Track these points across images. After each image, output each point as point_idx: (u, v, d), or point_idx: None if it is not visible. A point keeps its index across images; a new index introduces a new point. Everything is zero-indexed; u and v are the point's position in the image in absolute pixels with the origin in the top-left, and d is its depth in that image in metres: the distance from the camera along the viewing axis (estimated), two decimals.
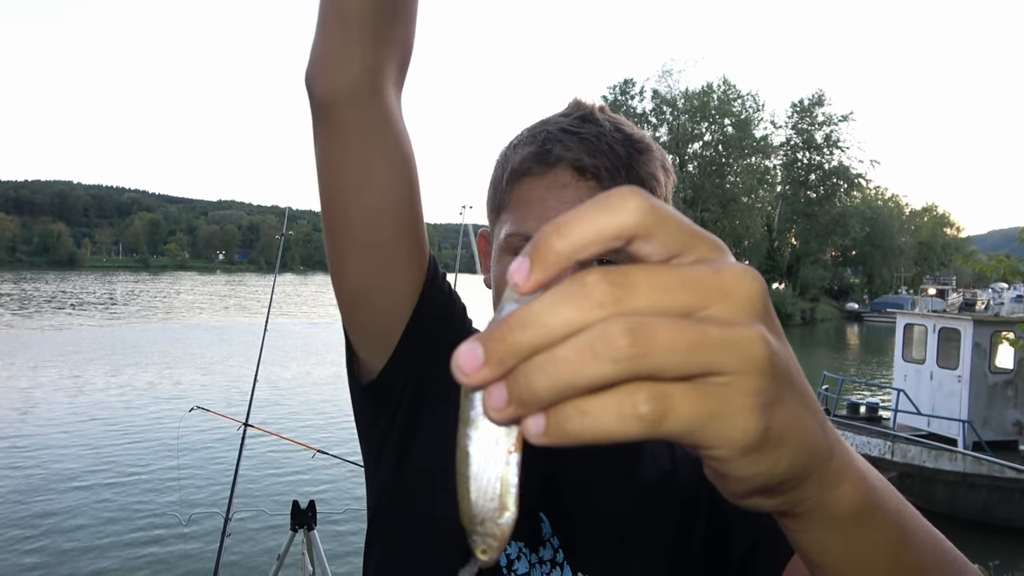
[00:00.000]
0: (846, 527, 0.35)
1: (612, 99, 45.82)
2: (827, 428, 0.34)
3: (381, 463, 0.78)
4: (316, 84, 0.64)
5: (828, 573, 0.38)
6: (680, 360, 0.25)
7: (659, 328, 0.25)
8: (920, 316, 12.64)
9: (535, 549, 0.72)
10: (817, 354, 35.13)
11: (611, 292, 0.26)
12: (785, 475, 0.30)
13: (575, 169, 0.72)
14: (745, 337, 0.27)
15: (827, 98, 55.15)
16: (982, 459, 9.96)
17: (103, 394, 16.08)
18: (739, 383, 0.26)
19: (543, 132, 0.75)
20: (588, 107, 0.78)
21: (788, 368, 0.30)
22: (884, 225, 65.72)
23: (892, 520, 0.38)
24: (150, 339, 27.98)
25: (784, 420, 0.29)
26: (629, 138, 0.75)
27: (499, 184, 0.78)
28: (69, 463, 10.71)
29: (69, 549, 7.67)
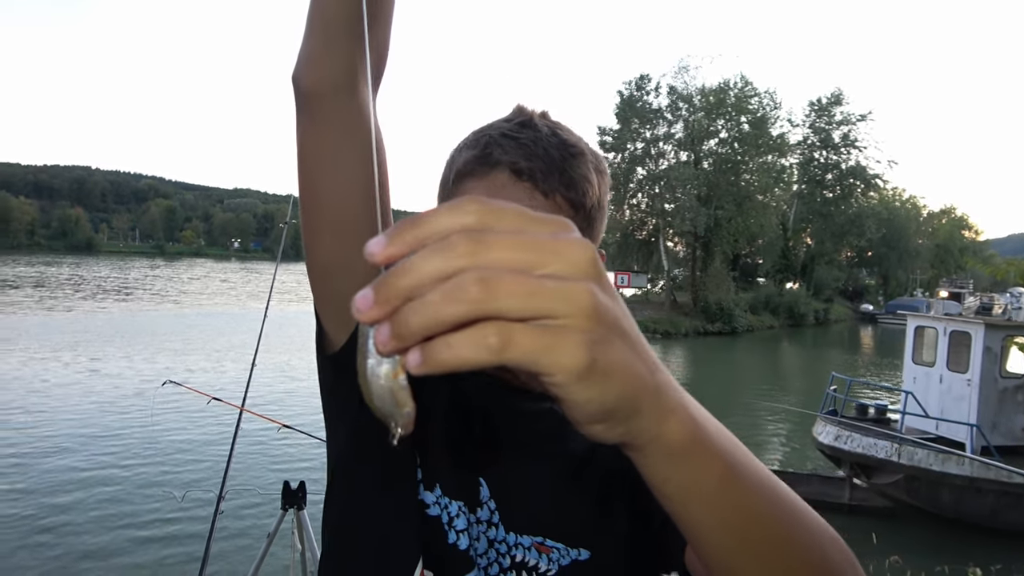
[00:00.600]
0: (679, 459, 0.41)
1: (628, 94, 45.53)
2: (656, 371, 0.39)
3: (338, 430, 0.86)
4: (301, 79, 0.72)
5: (675, 505, 0.44)
6: (520, 304, 0.32)
7: (503, 279, 0.32)
8: (931, 319, 12.55)
9: (473, 510, 0.78)
10: (829, 355, 34.95)
11: (470, 248, 0.32)
12: (615, 404, 0.37)
13: (512, 171, 0.78)
14: (574, 289, 0.33)
15: (845, 97, 54.63)
16: (990, 464, 9.89)
17: (91, 376, 16.35)
18: (570, 324, 0.33)
19: (485, 136, 0.81)
20: (528, 113, 0.84)
21: (616, 317, 0.36)
22: (901, 226, 65.11)
23: (721, 456, 0.43)
24: (147, 325, 28.25)
25: (610, 358, 0.35)
26: (564, 143, 0.80)
27: (446, 183, 0.84)
28: (63, 443, 10.94)
29: (66, 524, 7.90)
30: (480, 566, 0.77)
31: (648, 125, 45.54)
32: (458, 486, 0.79)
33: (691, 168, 43.34)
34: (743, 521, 0.45)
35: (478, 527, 0.78)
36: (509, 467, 0.81)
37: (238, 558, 6.30)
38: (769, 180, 45.14)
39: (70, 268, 71.87)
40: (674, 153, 45.93)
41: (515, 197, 0.76)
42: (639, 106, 45.31)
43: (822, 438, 11.76)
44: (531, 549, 0.77)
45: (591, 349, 0.34)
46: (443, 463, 0.79)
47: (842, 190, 55.18)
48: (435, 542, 0.76)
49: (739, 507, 0.45)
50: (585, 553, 0.78)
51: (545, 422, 0.84)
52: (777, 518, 0.47)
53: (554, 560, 0.77)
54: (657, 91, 45.79)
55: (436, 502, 0.77)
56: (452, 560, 0.76)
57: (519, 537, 0.78)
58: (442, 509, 0.77)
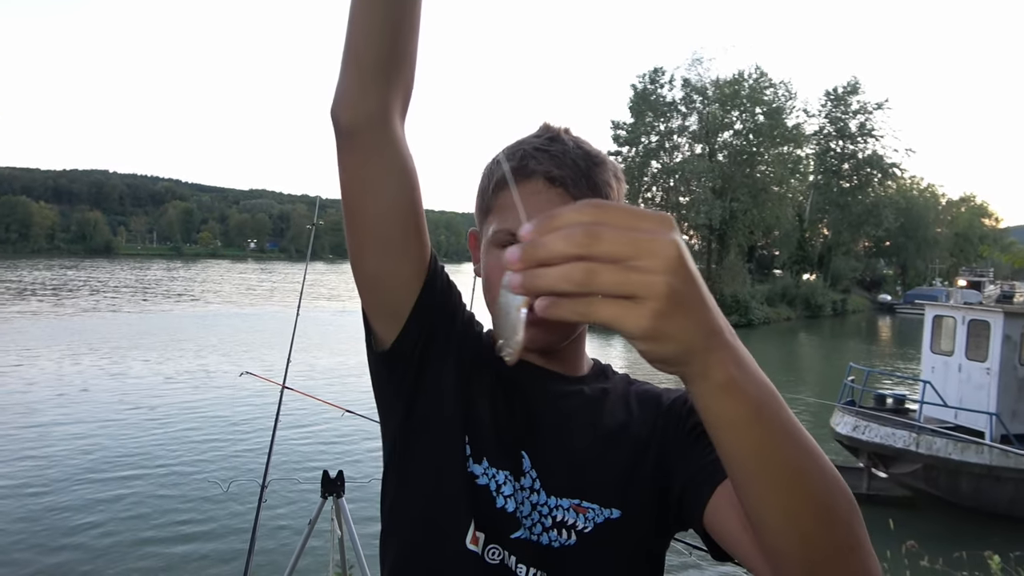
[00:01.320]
0: (717, 396, 0.55)
1: (642, 88, 45.41)
2: (711, 335, 0.52)
3: (392, 417, 0.97)
4: (339, 116, 0.82)
5: (713, 429, 0.58)
6: (609, 288, 0.47)
7: (600, 270, 0.47)
8: (950, 308, 12.51)
9: (517, 479, 0.90)
10: (847, 346, 34.77)
11: (585, 240, 0.47)
12: (670, 356, 0.52)
13: (546, 179, 0.90)
14: (652, 279, 0.47)
15: (861, 86, 54.22)
16: (1009, 452, 9.88)
17: (148, 376, 17.09)
18: (643, 302, 0.48)
19: (520, 150, 0.93)
20: (556, 130, 0.97)
21: (684, 298, 0.49)
22: (919, 216, 64.50)
23: (752, 399, 0.56)
24: (186, 324, 28.66)
25: (669, 327, 0.49)
26: (588, 154, 0.94)
27: (486, 192, 0.97)
28: (115, 441, 11.57)
29: (120, 518, 8.50)
30: (526, 526, 0.88)
31: (662, 118, 45.46)
32: (503, 458, 0.90)
33: (706, 161, 43.18)
34: (764, 451, 0.57)
35: (522, 493, 0.90)
36: (547, 440, 0.93)
37: (280, 545, 6.75)
38: (785, 171, 44.88)
39: (127, 272, 72.91)
40: (688, 146, 45.81)
41: (549, 201, 0.89)
42: (653, 99, 45.21)
43: (840, 429, 11.77)
44: (570, 510, 0.89)
45: (655, 320, 0.48)
46: (489, 440, 0.91)
47: (859, 180, 54.76)
48: (485, 507, 0.88)
49: (762, 439, 0.57)
50: (617, 512, 0.90)
51: (578, 400, 0.97)
52: (793, 455, 0.58)
53: (590, 519, 0.89)
54: (671, 84, 45.71)
55: (484, 472, 0.89)
56: (501, 521, 0.88)
57: (559, 500, 0.90)
58: (490, 479, 0.89)
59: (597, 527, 0.89)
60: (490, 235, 0.94)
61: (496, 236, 0.92)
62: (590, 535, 0.88)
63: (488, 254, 0.95)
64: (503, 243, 0.91)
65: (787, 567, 0.63)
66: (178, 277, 68.65)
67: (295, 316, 3.56)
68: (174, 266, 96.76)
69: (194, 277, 70.08)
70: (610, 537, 0.89)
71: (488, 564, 0.87)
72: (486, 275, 0.95)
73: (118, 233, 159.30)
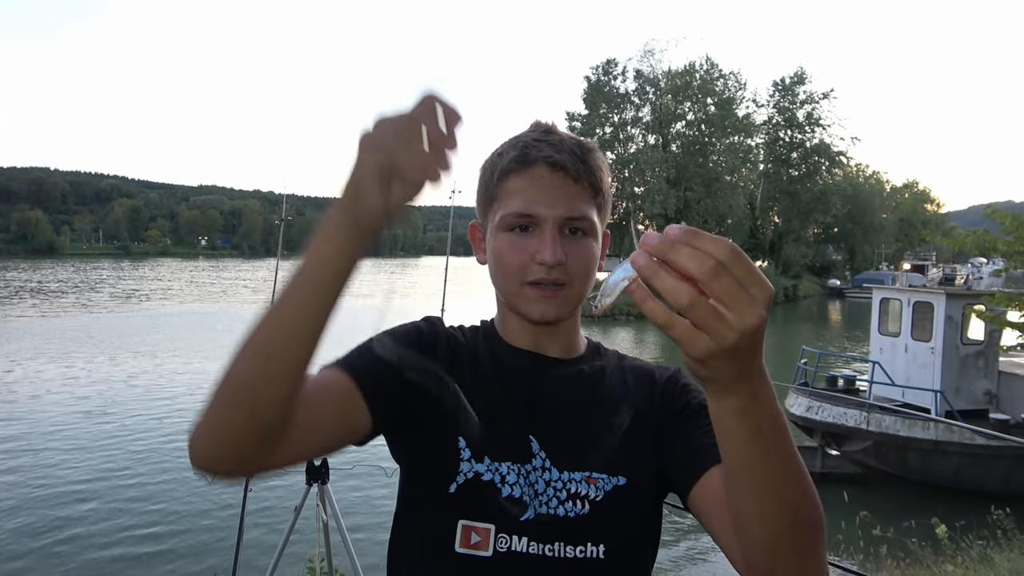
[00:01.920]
0: (729, 416, 0.66)
1: (595, 79, 45.75)
2: (744, 377, 0.63)
3: (397, 451, 1.05)
4: (215, 468, 0.77)
5: (719, 435, 0.69)
6: (698, 320, 0.57)
7: (699, 304, 0.57)
8: (896, 291, 12.95)
9: (525, 463, 0.97)
10: (799, 330, 35.62)
11: (709, 273, 0.56)
12: (704, 376, 0.63)
13: (548, 165, 0.96)
14: (728, 333, 0.57)
15: (808, 76, 55.47)
16: (953, 427, 10.32)
17: (137, 374, 16.90)
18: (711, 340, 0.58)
19: (521, 142, 1.00)
20: (547, 124, 1.04)
21: (741, 355, 0.60)
22: (865, 202, 66.33)
23: (755, 425, 0.66)
24: (142, 325, 28.00)
25: (717, 364, 0.60)
26: (580, 143, 1.01)
27: (490, 182, 1.02)
28: (93, 440, 11.72)
29: (106, 509, 8.82)
30: (540, 503, 0.95)
31: (616, 110, 45.87)
32: (506, 449, 0.96)
33: (659, 151, 43.75)
34: (754, 464, 0.68)
35: (535, 474, 0.96)
36: (553, 421, 1.00)
37: (267, 533, 6.93)
38: (736, 161, 45.73)
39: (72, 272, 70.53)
40: (642, 137, 46.35)
41: (552, 184, 0.96)
42: (607, 91, 45.60)
43: (794, 410, 12.14)
44: (581, 482, 0.97)
45: (709, 356, 0.59)
46: (489, 437, 0.97)
47: (807, 168, 56.06)
48: (491, 498, 0.94)
49: (753, 455, 0.67)
50: (623, 479, 0.98)
51: (578, 379, 1.04)
52: (779, 472, 0.69)
53: (600, 488, 0.97)
54: (624, 75, 46.13)
55: (487, 469, 0.95)
56: (508, 507, 0.94)
57: (571, 474, 0.97)
58: (493, 473, 0.95)
59: (607, 495, 0.97)
60: (497, 220, 0.99)
61: (504, 220, 0.98)
62: (601, 503, 0.96)
63: (496, 238, 1.00)
64: (511, 226, 0.97)
65: (755, 557, 0.75)
66: (128, 277, 66.92)
67: None
68: (121, 265, 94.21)
69: (146, 275, 68.40)
70: (618, 503, 0.97)
71: (482, 560, 0.93)
72: (497, 256, 1.00)
73: (62, 233, 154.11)
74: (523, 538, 0.94)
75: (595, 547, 0.95)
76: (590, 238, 1.00)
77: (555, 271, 0.95)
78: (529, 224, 0.97)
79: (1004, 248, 7.53)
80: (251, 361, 0.72)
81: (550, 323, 1.01)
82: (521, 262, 0.97)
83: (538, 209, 0.95)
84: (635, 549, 0.99)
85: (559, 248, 0.95)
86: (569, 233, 0.97)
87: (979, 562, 5.83)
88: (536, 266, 0.95)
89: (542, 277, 0.96)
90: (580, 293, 1.01)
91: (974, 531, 6.50)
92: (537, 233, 0.96)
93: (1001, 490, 9.24)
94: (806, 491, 0.72)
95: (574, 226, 0.97)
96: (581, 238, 0.98)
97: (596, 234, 1.01)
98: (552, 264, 0.94)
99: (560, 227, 0.96)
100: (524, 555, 0.93)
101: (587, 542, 0.95)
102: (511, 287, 0.99)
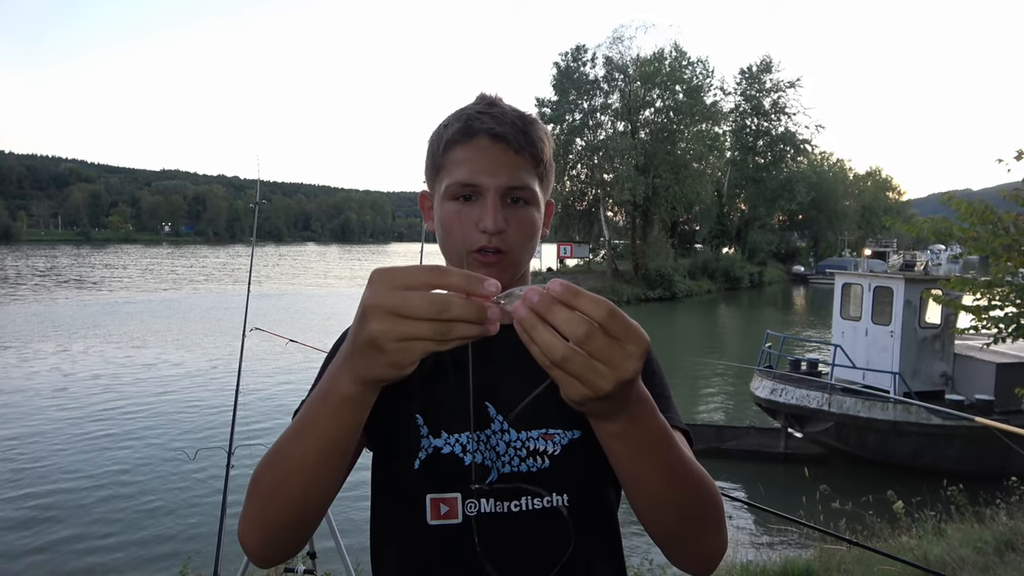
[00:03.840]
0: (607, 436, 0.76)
1: (564, 65, 45.68)
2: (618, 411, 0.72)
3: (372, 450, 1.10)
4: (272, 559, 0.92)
5: (606, 451, 0.79)
6: (575, 371, 0.64)
7: (572, 360, 0.64)
8: (857, 276, 13.29)
9: (484, 428, 1.03)
10: (764, 315, 36.28)
11: (580, 335, 0.63)
12: (587, 412, 0.72)
13: (490, 136, 1.01)
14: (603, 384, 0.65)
15: (775, 64, 56.06)
16: (911, 407, 10.65)
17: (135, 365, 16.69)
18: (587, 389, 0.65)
19: (465, 114, 1.04)
20: (492, 97, 1.08)
21: (618, 401, 0.69)
22: (829, 190, 67.29)
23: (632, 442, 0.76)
24: (122, 311, 27.51)
25: (593, 405, 0.69)
26: (522, 115, 1.06)
27: (436, 152, 1.06)
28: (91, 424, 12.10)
29: (99, 484, 9.25)
30: (498, 468, 1.00)
31: (585, 96, 45.84)
32: (462, 419, 1.00)
33: (628, 138, 43.85)
34: (634, 475, 0.79)
35: (495, 437, 1.02)
36: (505, 385, 1.04)
37: None
38: (704, 148, 46.05)
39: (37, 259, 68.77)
40: (611, 123, 46.37)
41: (494, 154, 1.00)
42: (576, 77, 45.50)
43: (759, 392, 12.42)
44: (539, 439, 1.02)
45: (584, 400, 0.66)
46: (444, 412, 1.02)
47: (773, 156, 56.75)
48: (454, 468, 1.00)
49: (633, 469, 0.79)
50: (578, 432, 1.03)
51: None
52: (659, 480, 0.79)
53: (556, 442, 1.02)
54: (593, 62, 46.06)
55: (446, 442, 1.00)
56: (470, 473, 0.99)
57: (528, 433, 1.02)
58: (452, 445, 1.00)
59: (564, 448, 1.02)
60: (443, 190, 1.03)
61: (449, 189, 1.01)
62: (559, 456, 1.02)
63: (442, 206, 1.03)
64: (455, 195, 1.01)
65: (656, 539, 0.89)
66: (93, 263, 65.51)
67: (246, 295, 3.59)
68: (82, 252, 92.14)
69: (113, 263, 67.01)
70: (576, 454, 1.02)
71: (454, 527, 0.98)
72: (444, 224, 1.03)
73: (18, 218, 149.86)
74: (490, 500, 0.99)
75: (559, 496, 1.01)
76: (531, 207, 1.03)
77: (496, 239, 0.99)
78: (472, 193, 1.00)
79: (959, 234, 7.76)
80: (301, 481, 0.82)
81: None
82: (464, 232, 1.00)
83: (481, 179, 0.99)
84: (597, 493, 1.05)
85: (500, 216, 0.98)
86: (511, 202, 1.01)
87: (933, 534, 6.08)
88: (479, 234, 0.99)
89: (484, 244, 0.99)
90: (521, 259, 1.05)
91: (929, 506, 6.77)
92: (480, 202, 1.00)
93: (956, 468, 9.59)
94: (692, 489, 0.82)
95: (516, 195, 1.01)
96: (523, 207, 1.02)
97: (538, 203, 1.05)
98: (493, 232, 0.98)
99: (502, 196, 1.00)
100: (493, 515, 0.99)
101: (552, 493, 1.01)
102: (456, 256, 1.04)
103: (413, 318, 0.64)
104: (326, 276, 57.78)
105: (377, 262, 1.10)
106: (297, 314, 27.32)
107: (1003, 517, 6.26)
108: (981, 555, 5.03)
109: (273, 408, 12.38)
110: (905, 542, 5.89)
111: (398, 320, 0.64)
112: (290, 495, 0.82)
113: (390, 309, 0.64)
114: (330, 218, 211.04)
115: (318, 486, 0.83)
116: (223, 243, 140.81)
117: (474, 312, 0.64)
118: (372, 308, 0.65)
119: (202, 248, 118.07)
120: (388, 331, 0.64)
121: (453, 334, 0.65)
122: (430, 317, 0.63)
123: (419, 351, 0.66)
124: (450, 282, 0.65)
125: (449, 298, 0.64)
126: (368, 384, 0.72)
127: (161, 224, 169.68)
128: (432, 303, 0.63)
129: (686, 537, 0.87)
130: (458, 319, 0.64)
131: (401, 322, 0.64)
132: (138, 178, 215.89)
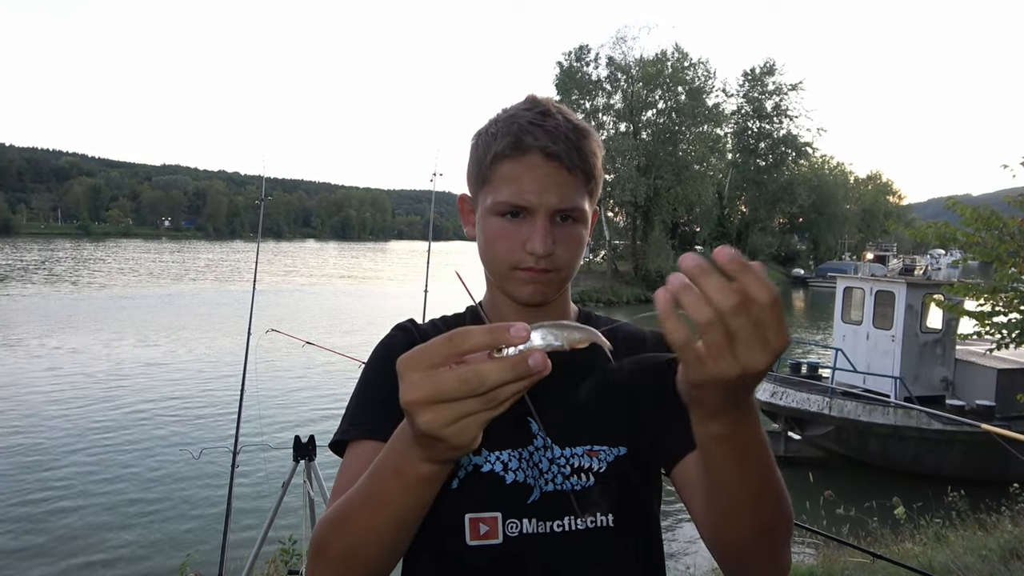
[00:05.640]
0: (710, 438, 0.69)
1: (567, 65, 45.67)
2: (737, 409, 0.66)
3: None
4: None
5: (702, 452, 0.72)
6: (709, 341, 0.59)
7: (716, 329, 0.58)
8: (858, 280, 13.26)
9: (525, 446, 0.99)
10: None
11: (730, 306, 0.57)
12: (700, 400, 0.65)
13: (544, 154, 0.96)
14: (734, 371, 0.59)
15: (778, 67, 56.09)
16: (912, 411, 10.62)
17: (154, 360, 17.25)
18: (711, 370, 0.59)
19: (515, 124, 0.98)
20: (544, 103, 1.02)
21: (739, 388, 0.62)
22: (830, 193, 67.30)
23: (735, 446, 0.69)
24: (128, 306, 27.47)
25: (711, 393, 0.63)
26: (577, 128, 0.99)
27: (483, 162, 1.00)
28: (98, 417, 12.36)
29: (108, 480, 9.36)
30: (540, 486, 0.97)
31: (587, 96, 45.84)
32: (505, 436, 0.97)
33: (630, 139, 43.85)
34: (729, 478, 0.73)
35: (538, 454, 0.98)
36: (550, 401, 0.96)
37: (256, 507, 7.28)
38: (705, 150, 46.07)
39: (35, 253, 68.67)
40: (613, 124, 46.38)
41: (546, 173, 0.95)
42: (578, 77, 45.51)
43: (759, 395, 12.37)
44: (584, 456, 0.99)
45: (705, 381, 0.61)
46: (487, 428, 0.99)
47: (774, 158, 56.79)
48: (495, 487, 0.96)
49: (729, 471, 0.72)
50: (624, 449, 1.00)
51: (572, 354, 1.02)
52: (749, 486, 0.74)
53: (602, 459, 0.99)
54: (596, 62, 46.07)
55: (487, 460, 0.97)
56: (513, 493, 0.96)
57: (572, 450, 0.99)
58: (493, 463, 0.97)
59: (610, 465, 0.99)
60: (489, 204, 0.99)
61: (495, 206, 0.98)
62: (605, 473, 0.98)
63: (487, 220, 1.00)
64: (502, 212, 0.97)
65: (722, 548, 0.83)
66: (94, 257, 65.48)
67: (252, 292, 3.57)
68: (82, 246, 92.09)
69: (111, 256, 66.97)
70: (621, 472, 0.99)
71: (494, 548, 0.94)
72: (487, 238, 1.00)
73: (18, 211, 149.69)
74: (532, 519, 0.96)
75: (604, 516, 0.98)
76: (579, 224, 1.00)
77: (544, 260, 0.97)
78: (520, 211, 0.97)
79: (963, 239, 7.72)
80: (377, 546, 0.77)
81: (539, 304, 1.03)
82: (510, 248, 0.98)
83: (530, 199, 0.95)
84: (643, 512, 1.02)
85: (549, 239, 0.95)
86: (560, 220, 0.98)
87: (935, 541, 6.06)
88: (526, 254, 0.97)
89: (531, 266, 0.97)
90: (567, 276, 1.02)
91: (931, 512, 6.74)
92: (528, 221, 0.97)
93: (956, 473, 9.56)
94: (778, 503, 0.77)
95: (565, 215, 0.98)
96: (571, 224, 0.99)
97: (586, 220, 1.01)
98: (542, 255, 0.96)
99: (551, 217, 0.97)
100: (535, 535, 0.95)
101: (596, 512, 0.97)
102: (500, 270, 1.01)
103: (453, 400, 0.60)
104: (323, 272, 57.80)
105: (377, 260, 1.03)
106: (304, 312, 27.25)
107: (1007, 524, 6.24)
108: (986, 563, 5.01)
109: (280, 408, 12.23)
110: (908, 548, 5.87)
111: (440, 407, 0.60)
112: (366, 558, 0.78)
113: (428, 399, 0.60)
114: (330, 215, 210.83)
115: (394, 551, 0.80)
116: (223, 238, 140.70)
117: (511, 374, 0.60)
118: (411, 404, 0.61)
119: (203, 243, 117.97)
120: (435, 420, 0.61)
121: (502, 398, 0.61)
122: (468, 395, 0.60)
123: (477, 425, 0.62)
124: (475, 344, 0.60)
125: (483, 369, 0.59)
126: (441, 464, 0.69)
127: (161, 219, 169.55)
128: (465, 381, 0.59)
129: (763, 551, 0.81)
130: (499, 384, 0.60)
131: (444, 408, 0.60)
132: (138, 172, 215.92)
